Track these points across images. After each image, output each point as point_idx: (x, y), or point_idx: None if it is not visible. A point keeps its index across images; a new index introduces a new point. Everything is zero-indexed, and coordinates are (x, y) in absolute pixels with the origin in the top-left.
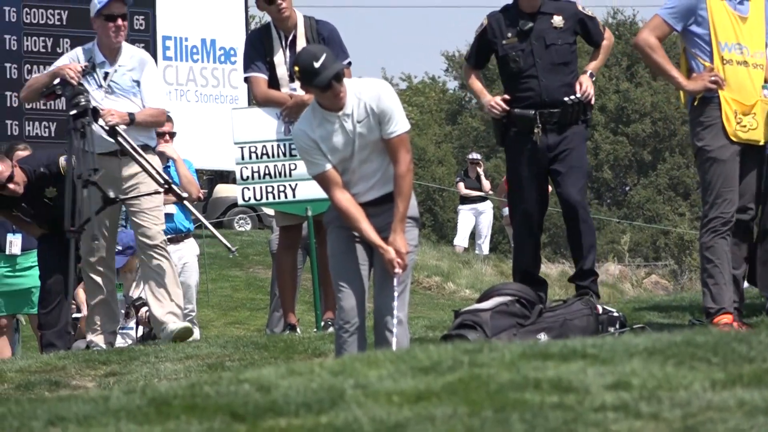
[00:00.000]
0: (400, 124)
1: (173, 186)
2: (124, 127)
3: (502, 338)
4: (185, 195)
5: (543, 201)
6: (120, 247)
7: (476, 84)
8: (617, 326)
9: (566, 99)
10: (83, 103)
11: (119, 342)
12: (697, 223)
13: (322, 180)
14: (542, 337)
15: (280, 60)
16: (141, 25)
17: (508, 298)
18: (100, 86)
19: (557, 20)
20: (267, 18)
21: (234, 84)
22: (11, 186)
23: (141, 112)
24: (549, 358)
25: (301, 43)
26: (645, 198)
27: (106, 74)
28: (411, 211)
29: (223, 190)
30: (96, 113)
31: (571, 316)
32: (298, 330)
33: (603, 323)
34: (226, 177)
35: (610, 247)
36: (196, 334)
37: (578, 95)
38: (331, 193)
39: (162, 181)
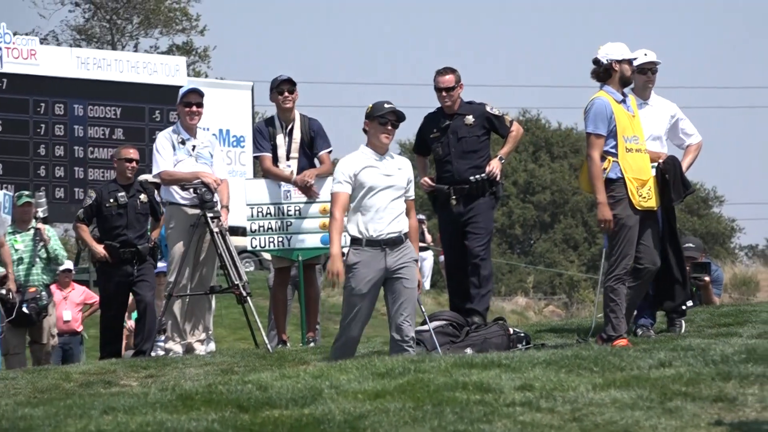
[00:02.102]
0: (414, 192)
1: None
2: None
3: (439, 352)
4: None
5: (464, 253)
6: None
7: (419, 167)
8: (524, 343)
9: (472, 178)
10: (215, 206)
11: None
12: (583, 268)
13: (336, 197)
14: (468, 351)
15: (281, 142)
16: (175, 118)
17: (444, 322)
18: (190, 155)
19: (469, 119)
20: (269, 113)
21: (243, 162)
22: (132, 165)
23: (224, 196)
24: (473, 366)
25: (296, 133)
26: (545, 249)
27: (194, 146)
28: (415, 255)
29: (235, 240)
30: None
31: (490, 336)
32: (288, 344)
33: (513, 341)
34: (237, 230)
35: (519, 285)
36: (213, 347)
37: (484, 174)
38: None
39: (235, 282)
